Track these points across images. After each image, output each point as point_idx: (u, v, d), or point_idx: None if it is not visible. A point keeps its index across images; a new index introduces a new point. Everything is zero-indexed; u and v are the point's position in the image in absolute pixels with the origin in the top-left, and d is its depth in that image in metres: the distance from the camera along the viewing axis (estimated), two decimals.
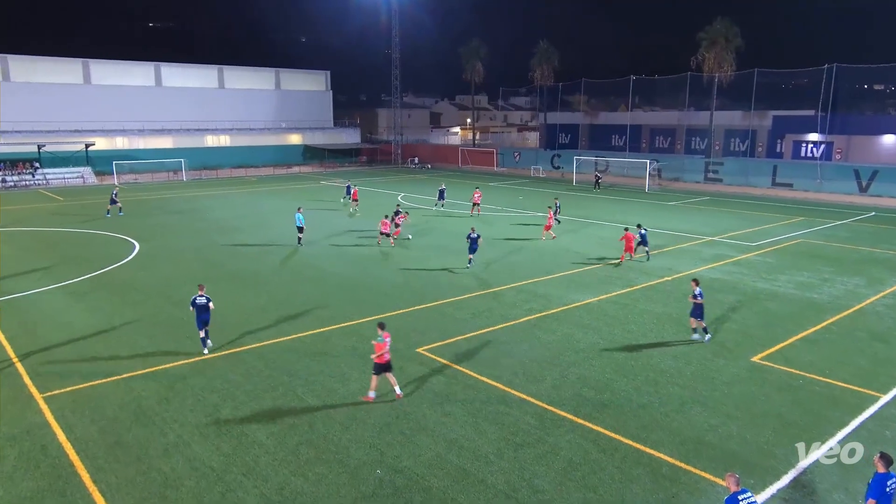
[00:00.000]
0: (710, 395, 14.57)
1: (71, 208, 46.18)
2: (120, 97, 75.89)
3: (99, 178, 67.21)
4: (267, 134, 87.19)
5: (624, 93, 71.41)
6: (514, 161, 79.19)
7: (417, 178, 67.45)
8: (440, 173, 74.46)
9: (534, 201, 47.49)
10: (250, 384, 15.06)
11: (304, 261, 27.91)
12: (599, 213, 40.69)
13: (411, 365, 16.13)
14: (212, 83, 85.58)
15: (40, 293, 22.91)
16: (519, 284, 23.74)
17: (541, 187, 58.43)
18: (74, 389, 14.80)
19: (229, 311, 20.56)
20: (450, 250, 30.06)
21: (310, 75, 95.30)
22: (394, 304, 21.20)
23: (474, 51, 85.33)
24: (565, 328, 18.89)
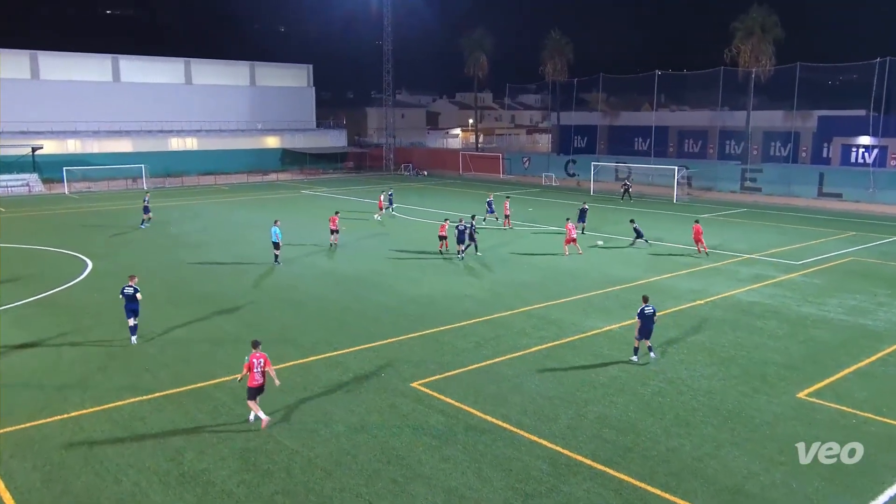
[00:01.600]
0: (749, 436, 14.50)
1: (14, 221, 46.21)
2: (72, 94, 76.42)
3: (47, 186, 67.42)
4: (240, 136, 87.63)
5: (648, 90, 71.89)
6: (522, 167, 79.47)
7: (412, 188, 67.67)
8: (438, 181, 74.73)
9: (546, 213, 47.57)
10: (219, 424, 14.98)
11: (282, 281, 27.91)
12: (620, 228, 40.73)
13: (405, 402, 16.07)
14: (177, 78, 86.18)
15: None
16: (529, 309, 23.72)
17: (554, 197, 58.59)
18: (15, 430, 14.71)
19: (195, 340, 20.51)
20: (448, 270, 30.06)
21: (289, 70, 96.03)
22: (385, 332, 21.16)
23: (477, 42, 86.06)
24: (582, 360, 18.84)
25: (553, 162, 76.58)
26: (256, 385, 14.92)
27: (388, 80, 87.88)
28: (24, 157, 68.75)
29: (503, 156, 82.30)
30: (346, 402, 16.08)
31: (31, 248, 35.47)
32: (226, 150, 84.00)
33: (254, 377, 14.87)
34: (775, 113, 66.48)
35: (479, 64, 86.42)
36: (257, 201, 56.49)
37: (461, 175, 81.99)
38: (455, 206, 49.77)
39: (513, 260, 32.05)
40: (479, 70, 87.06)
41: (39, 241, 37.03)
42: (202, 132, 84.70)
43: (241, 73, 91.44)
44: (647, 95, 75.72)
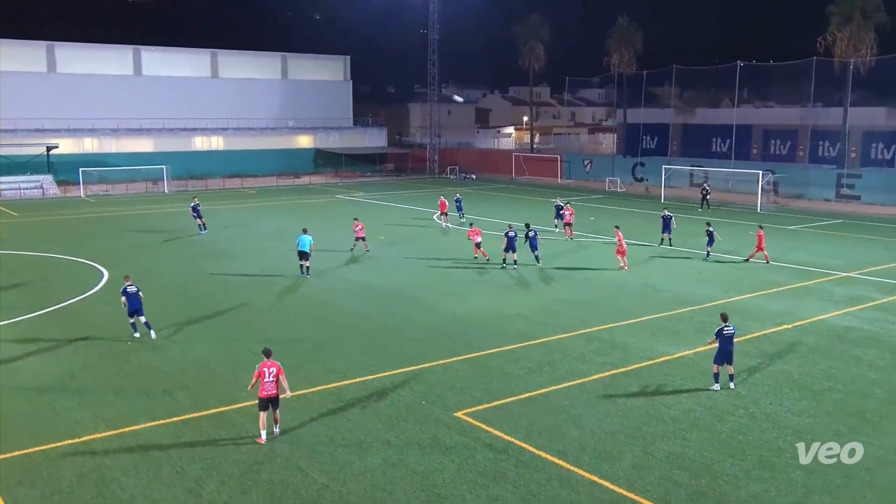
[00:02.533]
0: (845, 483, 14.08)
1: (26, 226, 47.74)
2: (90, 89, 78.76)
3: (61, 188, 69.55)
4: (269, 135, 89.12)
5: (728, 84, 70.93)
6: (583, 171, 79.07)
7: (459, 193, 67.76)
8: (487, 186, 74.79)
9: (610, 223, 47.11)
10: (242, 453, 15.15)
11: (312, 296, 28.21)
12: (696, 241, 40.12)
13: (448, 433, 16.04)
14: (203, 71, 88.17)
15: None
16: (589, 331, 23.50)
17: (619, 205, 58.10)
18: (22, 454, 15.10)
19: (217, 359, 20.84)
20: (497, 285, 30.00)
21: (324, 61, 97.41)
22: (425, 354, 21.20)
23: (533, 30, 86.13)
24: (650, 390, 18.58)
25: (618, 165, 76.05)
26: (267, 396, 15.49)
27: (434, 72, 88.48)
28: (39, 156, 71.03)
29: (561, 158, 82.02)
30: (382, 432, 16.11)
31: (44, 256, 36.56)
32: (254, 151, 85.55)
33: (264, 387, 15.46)
34: (877, 110, 64.88)
35: (536, 55, 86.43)
36: (287, 207, 57.31)
37: (514, 179, 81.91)
38: (506, 213, 49.68)
39: (571, 275, 31.83)
40: (536, 62, 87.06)
41: (52, 249, 38.14)
42: (229, 130, 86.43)
43: (271, 65, 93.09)
44: (728, 90, 74.68)
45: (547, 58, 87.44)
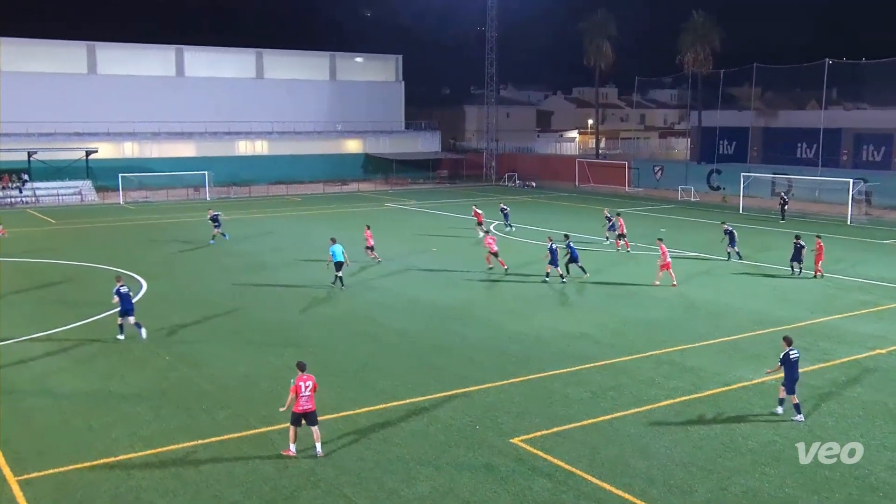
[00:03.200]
0: None
1: (64, 234, 49.19)
2: (131, 90, 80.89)
3: (100, 194, 71.52)
4: (316, 139, 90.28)
5: (815, 83, 69.53)
6: (654, 179, 78.28)
7: (517, 201, 67.73)
8: (548, 194, 74.56)
9: (683, 236, 46.60)
10: (284, 477, 15.32)
11: (358, 311, 28.45)
12: (778, 255, 39.34)
13: (504, 461, 15.98)
14: (248, 72, 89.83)
15: (19, 344, 24.36)
16: (659, 353, 23.23)
17: (693, 215, 57.34)
18: (57, 473, 15.51)
19: (259, 377, 21.14)
20: (558, 302, 29.83)
21: (375, 61, 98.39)
22: (481, 375, 21.18)
23: (600, 27, 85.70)
24: (726, 418, 18.26)
25: (692, 172, 75.16)
26: (302, 411, 15.94)
27: (492, 72, 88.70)
28: (77, 161, 73.17)
29: (630, 164, 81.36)
30: (432, 458, 16.13)
31: (81, 266, 37.59)
32: (300, 156, 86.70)
33: (300, 402, 15.90)
34: None
35: (602, 53, 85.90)
36: (334, 216, 57.94)
37: (577, 187, 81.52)
38: (568, 224, 49.40)
39: (639, 292, 31.50)
40: (602, 60, 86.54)
41: (90, 258, 39.20)
42: (273, 134, 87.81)
43: (319, 65, 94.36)
44: (814, 90, 73.17)
45: (615, 56, 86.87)
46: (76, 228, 52.14)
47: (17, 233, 49.95)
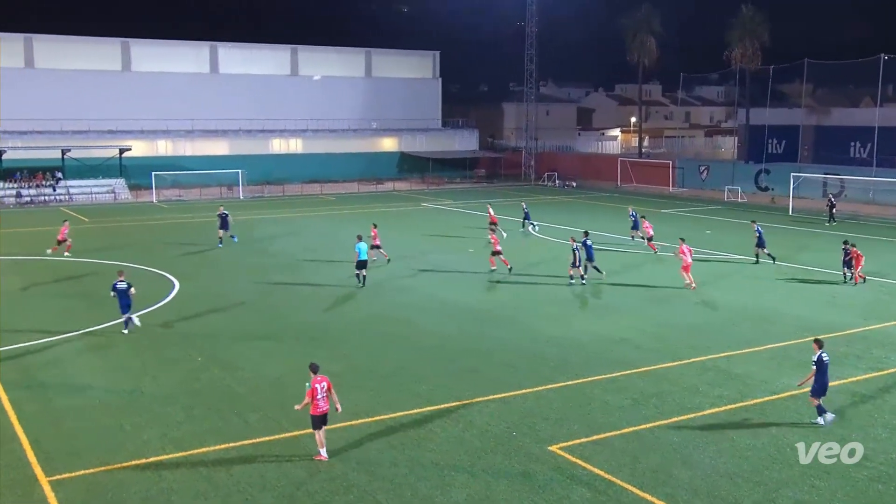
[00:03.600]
0: None
1: (97, 233, 49.97)
2: (164, 87, 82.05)
3: (133, 192, 72.61)
4: (351, 137, 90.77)
5: (870, 80, 68.48)
6: (699, 179, 77.57)
7: (556, 202, 67.57)
8: (589, 194, 74.19)
9: (730, 237, 46.12)
10: (316, 482, 15.41)
11: (393, 313, 28.53)
12: (829, 258, 38.78)
13: (541, 469, 15.92)
14: (282, 69, 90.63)
15: (52, 343, 24.80)
16: (703, 359, 23.00)
17: (739, 217, 56.73)
18: (88, 474, 15.76)
19: (292, 380, 21.25)
20: (598, 306, 29.68)
21: (412, 58, 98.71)
22: (518, 381, 21.13)
23: (644, 21, 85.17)
24: (773, 429, 18.03)
25: (739, 172, 74.45)
26: (321, 413, 16.19)
27: (531, 69, 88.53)
28: (111, 159, 74.27)
29: (674, 163, 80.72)
30: (467, 465, 16.13)
31: (114, 265, 38.09)
32: (334, 154, 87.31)
33: (317, 405, 16.11)
34: None
35: (646, 48, 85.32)
36: (368, 215, 58.07)
37: (619, 187, 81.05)
38: (609, 225, 49.13)
39: (680, 296, 31.23)
40: (646, 56, 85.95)
41: (123, 257, 39.73)
42: (308, 132, 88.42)
43: (355, 61, 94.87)
44: (869, 87, 72.10)
45: (659, 52, 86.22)
46: (109, 227, 52.94)
47: (49, 231, 50.83)
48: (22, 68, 77.76)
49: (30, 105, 74.12)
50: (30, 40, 79.19)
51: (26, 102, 74.03)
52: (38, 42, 79.44)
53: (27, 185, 69.48)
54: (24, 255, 40.79)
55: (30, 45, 79.01)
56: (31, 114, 73.74)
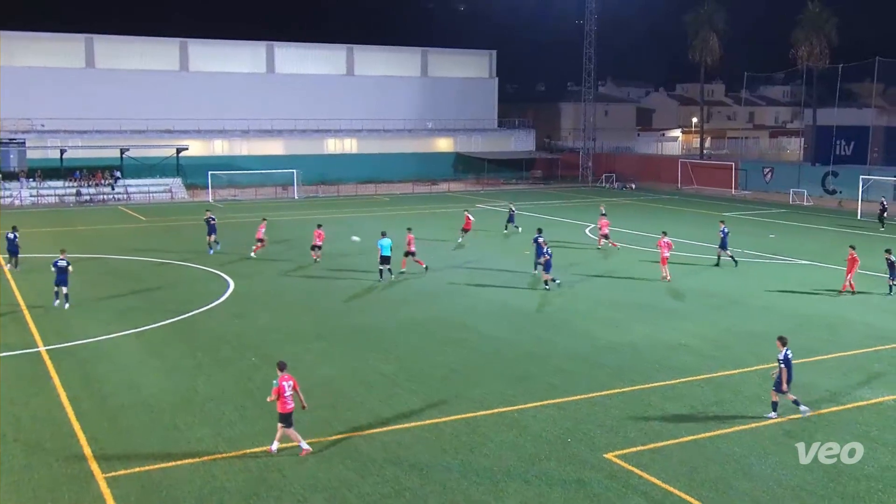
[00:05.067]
0: None
1: (154, 231, 51.01)
2: (221, 87, 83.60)
3: (190, 192, 73.94)
4: (406, 137, 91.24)
5: None
6: (763, 181, 76.37)
7: (617, 203, 66.97)
8: (649, 196, 73.45)
9: (794, 241, 45.29)
10: (367, 485, 15.50)
11: (448, 316, 28.57)
12: None
13: (596, 477, 15.80)
14: (338, 68, 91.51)
15: (109, 341, 25.40)
16: (766, 367, 22.52)
17: (805, 221, 55.66)
18: (143, 471, 16.09)
19: (345, 381, 21.45)
20: (659, 310, 29.36)
21: (468, 57, 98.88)
22: (574, 386, 21.02)
23: (706, 18, 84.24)
24: (840, 440, 17.60)
25: (806, 174, 73.15)
26: (289, 411, 16.69)
27: (590, 68, 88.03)
28: (168, 159, 75.80)
29: (737, 165, 79.58)
30: (521, 471, 16.07)
31: (171, 264, 38.90)
32: (389, 154, 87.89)
33: (285, 402, 16.61)
34: None
35: (709, 47, 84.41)
36: (423, 216, 58.35)
37: (679, 189, 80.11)
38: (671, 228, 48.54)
39: (746, 302, 30.74)
40: (708, 55, 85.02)
41: (179, 256, 40.53)
42: (363, 132, 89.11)
43: (411, 61, 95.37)
44: None
45: (722, 50, 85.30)
46: (166, 226, 53.98)
47: (107, 230, 52.05)
48: (83, 68, 79.89)
49: (90, 105, 76.14)
50: (90, 41, 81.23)
51: (86, 102, 76.13)
52: (99, 42, 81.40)
53: (87, 183, 71.21)
54: (84, 252, 41.74)
55: (90, 46, 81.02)
56: (90, 113, 75.71)
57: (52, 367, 22.59)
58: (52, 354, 23.81)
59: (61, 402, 19.92)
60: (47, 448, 17.19)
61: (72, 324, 27.30)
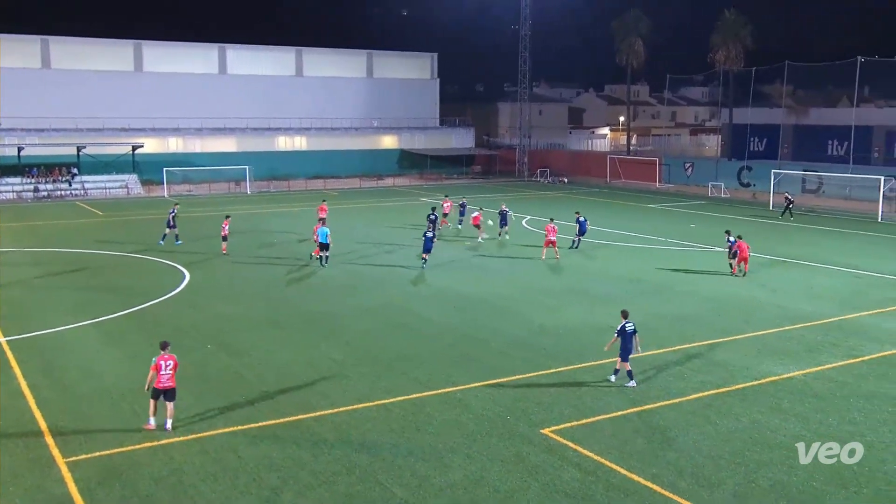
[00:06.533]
0: None
1: (111, 226, 49.90)
2: (175, 88, 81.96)
3: (146, 187, 72.50)
4: (353, 135, 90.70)
5: (847, 81, 68.39)
6: (684, 175, 77.58)
7: (548, 197, 67.55)
8: (580, 190, 74.17)
9: (712, 231, 46.14)
10: (319, 463, 15.44)
11: (396, 303, 28.53)
12: (808, 251, 38.83)
13: (534, 451, 15.95)
14: (288, 70, 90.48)
15: (68, 331, 24.80)
16: (688, 347, 23.03)
17: (723, 212, 56.75)
18: (104, 455, 15.78)
19: (298, 366, 21.29)
20: (590, 296, 29.69)
21: (411, 59, 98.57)
22: (513, 367, 21.15)
23: (632, 25, 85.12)
24: (754, 413, 18.06)
25: (723, 169, 74.48)
26: (162, 388, 16.79)
27: (525, 70, 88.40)
28: (124, 156, 74.16)
29: (660, 161, 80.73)
30: (464, 447, 16.15)
31: (127, 256, 38.13)
32: (337, 151, 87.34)
33: (161, 379, 16.75)
34: None
35: (634, 51, 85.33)
36: (370, 209, 58.11)
37: (608, 183, 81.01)
38: (599, 220, 49.11)
39: (670, 288, 31.26)
40: (634, 58, 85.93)
41: (136, 249, 39.74)
42: (312, 130, 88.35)
43: (357, 63, 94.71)
44: (846, 88, 72.07)
45: (646, 54, 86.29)
46: (123, 220, 52.86)
47: (65, 225, 50.78)
48: (39, 69, 77.61)
49: (46, 104, 74.11)
50: (46, 42, 79.03)
51: (43, 101, 74.08)
52: (54, 44, 79.24)
53: (44, 180, 69.33)
54: (42, 246, 40.69)
55: (46, 47, 78.81)
56: (47, 112, 73.73)
57: (12, 358, 21.96)
58: (12, 345, 23.15)
59: (22, 390, 19.41)
60: (9, 434, 16.77)
61: (32, 315, 26.59)
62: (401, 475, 14.96)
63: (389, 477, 14.87)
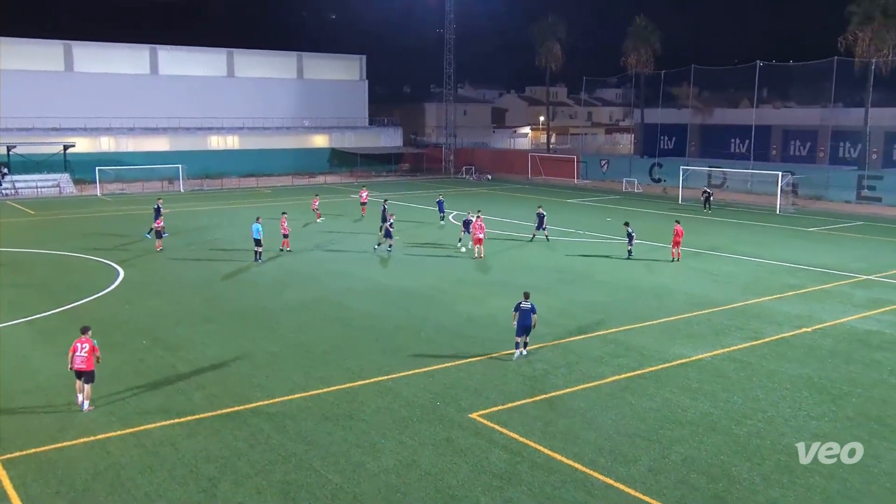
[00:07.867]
0: (865, 489, 13.95)
1: (44, 225, 48.13)
2: (107, 88, 79.60)
3: (78, 187, 70.13)
4: (285, 134, 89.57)
5: (747, 84, 70.52)
6: (600, 172, 78.91)
7: (474, 193, 67.85)
8: (503, 186, 74.73)
9: None
10: (256, 453, 15.22)
11: (328, 296, 28.29)
12: (713, 241, 39.97)
13: (463, 435, 16.04)
14: (219, 71, 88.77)
15: (1, 330, 23.83)
16: (605, 333, 23.45)
17: (637, 206, 57.91)
18: (39, 452, 15.24)
19: (233, 360, 20.93)
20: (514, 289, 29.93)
21: (340, 61, 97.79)
22: (441, 355, 21.22)
23: (550, 29, 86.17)
24: (667, 393, 18.51)
25: (636, 165, 75.94)
26: (77, 369, 17.17)
27: (450, 72, 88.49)
28: (56, 155, 71.67)
29: (578, 158, 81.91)
30: (396, 433, 16.14)
31: (60, 255, 36.85)
32: (269, 150, 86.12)
33: (75, 361, 17.11)
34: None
35: (552, 54, 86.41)
36: (303, 206, 57.40)
37: (530, 180, 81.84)
38: (521, 214, 49.59)
39: (587, 277, 31.77)
40: (552, 61, 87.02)
41: (69, 247, 38.44)
42: (244, 129, 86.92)
43: (287, 64, 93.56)
44: (747, 90, 74.28)
45: (564, 57, 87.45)
46: (55, 219, 51.05)
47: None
48: None
49: None
50: None
51: None
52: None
53: None
54: None
55: None
56: None
57: None
58: None
59: None
60: None
61: None
62: (336, 462, 14.87)
63: (325, 464, 14.77)
